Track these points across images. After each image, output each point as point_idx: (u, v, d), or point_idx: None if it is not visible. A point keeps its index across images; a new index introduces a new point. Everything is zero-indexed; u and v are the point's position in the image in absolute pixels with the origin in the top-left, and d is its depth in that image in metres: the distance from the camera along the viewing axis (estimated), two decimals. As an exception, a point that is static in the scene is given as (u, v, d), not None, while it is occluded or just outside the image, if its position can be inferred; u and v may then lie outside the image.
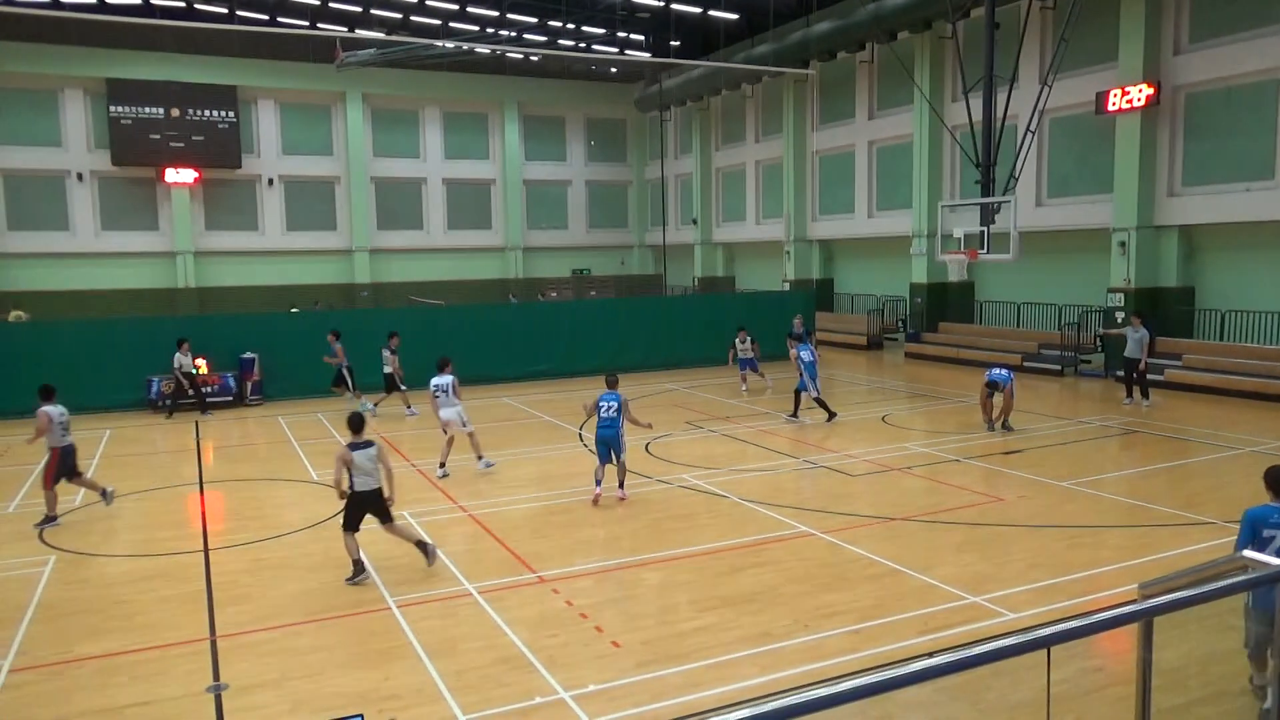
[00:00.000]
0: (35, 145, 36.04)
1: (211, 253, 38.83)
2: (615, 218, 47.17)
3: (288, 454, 16.12)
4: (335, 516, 11.94)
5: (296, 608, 8.87)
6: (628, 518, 11.79)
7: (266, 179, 39.62)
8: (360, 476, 9.60)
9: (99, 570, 10.18)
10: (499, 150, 43.88)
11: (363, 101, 40.69)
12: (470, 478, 14.11)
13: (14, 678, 7.46)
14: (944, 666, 2.79)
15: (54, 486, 11.93)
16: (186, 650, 7.96)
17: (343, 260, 41.03)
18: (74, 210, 36.81)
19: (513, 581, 9.46)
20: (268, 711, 6.82)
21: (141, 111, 36.83)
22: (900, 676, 2.62)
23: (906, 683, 2.62)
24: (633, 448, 15.72)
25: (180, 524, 12.14)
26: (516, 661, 7.55)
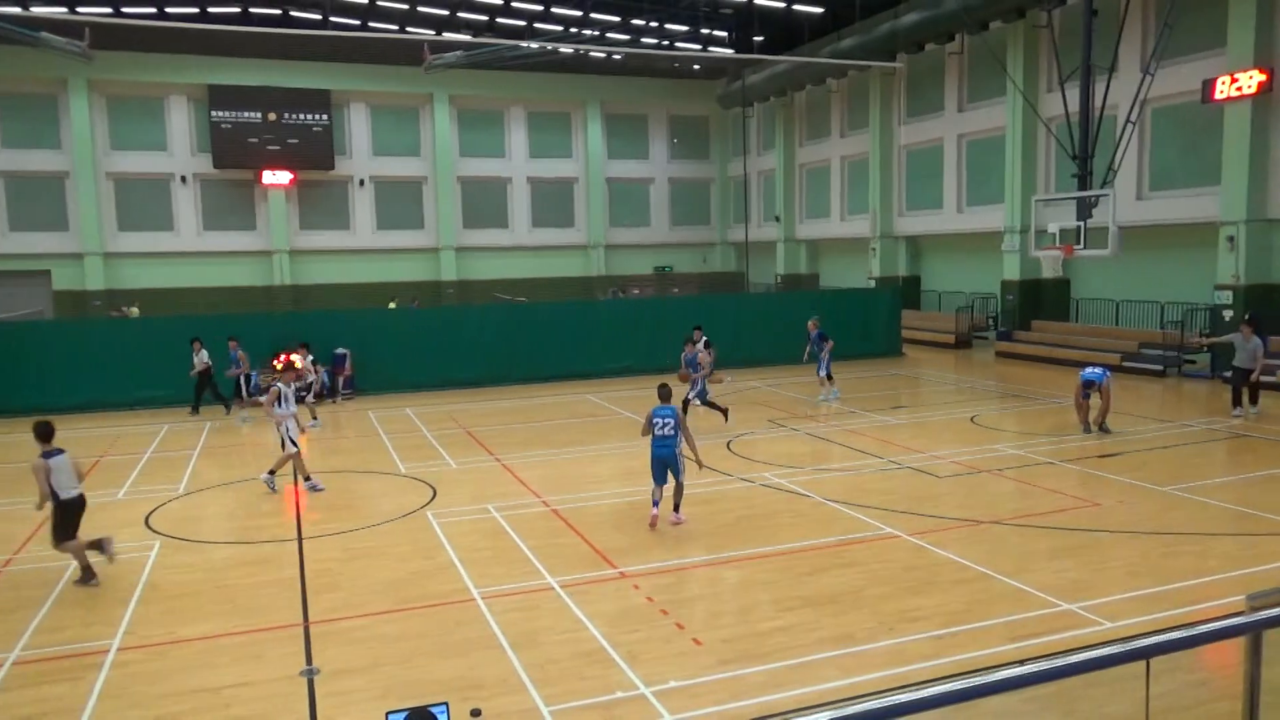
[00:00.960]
0: (143, 150, 37.79)
1: (305, 251, 40.12)
2: (697, 215, 47.08)
3: (377, 447, 16.55)
4: (424, 508, 12.24)
5: (385, 596, 9.10)
6: (708, 516, 11.76)
7: (358, 180, 40.73)
8: (63, 484, 9.62)
9: (201, 555, 10.62)
10: (582, 149, 44.23)
11: (449, 103, 41.47)
12: (554, 473, 14.25)
13: (122, 655, 7.84)
14: (1036, 675, 2.70)
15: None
16: (282, 634, 8.24)
17: (430, 258, 41.92)
18: (178, 211, 38.47)
19: (593, 576, 9.53)
20: (358, 696, 7.01)
21: (241, 116, 38.26)
22: (989, 684, 2.55)
23: (995, 690, 2.55)
24: (714, 445, 15.71)
25: (276, 513, 12.58)
26: (597, 655, 7.60)
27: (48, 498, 9.59)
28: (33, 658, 7.82)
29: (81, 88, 36.14)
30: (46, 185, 36.60)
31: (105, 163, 37.23)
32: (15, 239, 36.31)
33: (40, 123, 36.43)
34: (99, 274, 36.94)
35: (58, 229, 36.79)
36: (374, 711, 6.58)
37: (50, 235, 36.67)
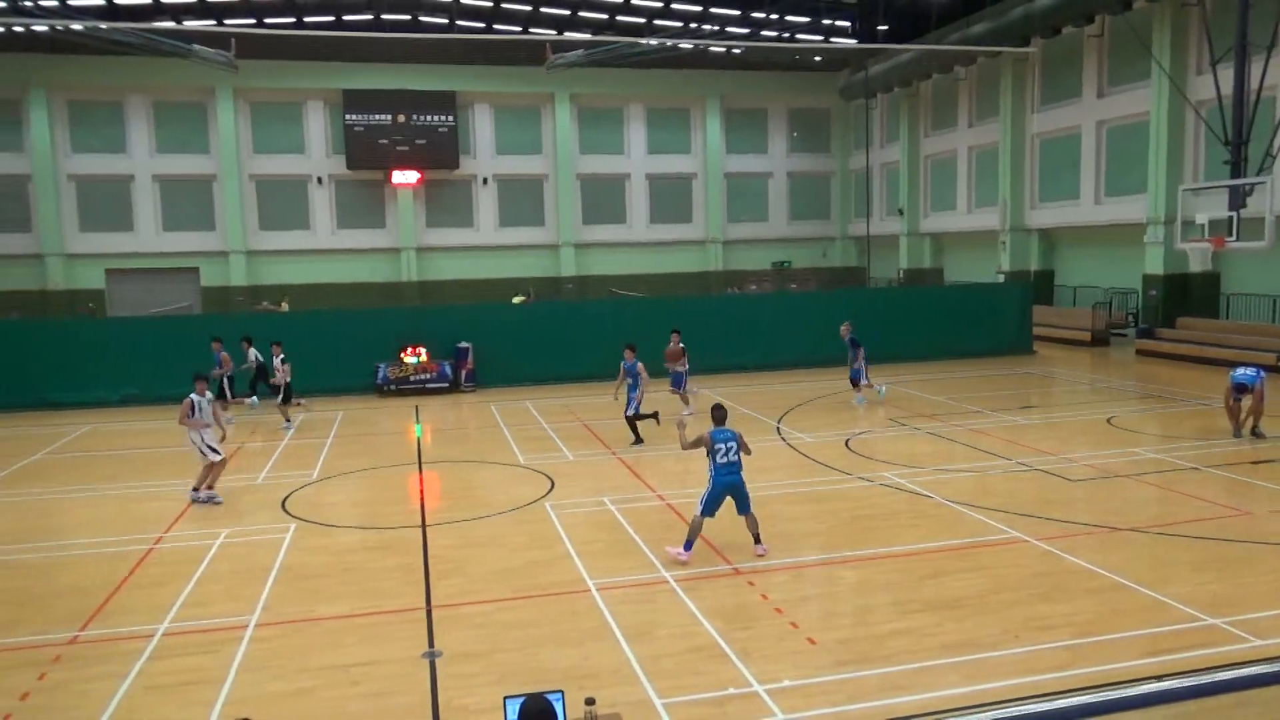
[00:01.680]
0: (282, 153, 39.81)
1: (431, 248, 41.45)
2: (817, 209, 46.32)
3: (497, 439, 16.95)
4: (540, 499, 12.46)
5: (503, 584, 9.31)
6: (825, 514, 11.56)
7: (481, 178, 41.81)
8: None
9: (332, 539, 11.11)
10: (700, 144, 44.14)
11: (570, 101, 42.06)
12: (669, 468, 14.28)
13: (260, 631, 8.27)
14: (1179, 691, 2.53)
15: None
16: (406, 617, 8.53)
17: (550, 254, 42.65)
18: (314, 211, 40.37)
19: (708, 572, 9.50)
20: (476, 680, 7.20)
21: (372, 119, 39.81)
22: (1128, 698, 2.40)
23: (1135, 705, 2.39)
24: (832, 443, 15.43)
25: (401, 500, 13.04)
26: (710, 651, 7.57)
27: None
28: (180, 630, 8.33)
29: (228, 96, 38.30)
30: (196, 188, 39.00)
31: (248, 166, 39.38)
32: (168, 238, 38.85)
33: (190, 129, 38.83)
34: (242, 270, 39.13)
35: (205, 229, 39.16)
36: (492, 695, 6.74)
37: (198, 235, 39.06)
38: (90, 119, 37.92)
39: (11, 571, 10.18)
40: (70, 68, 36.58)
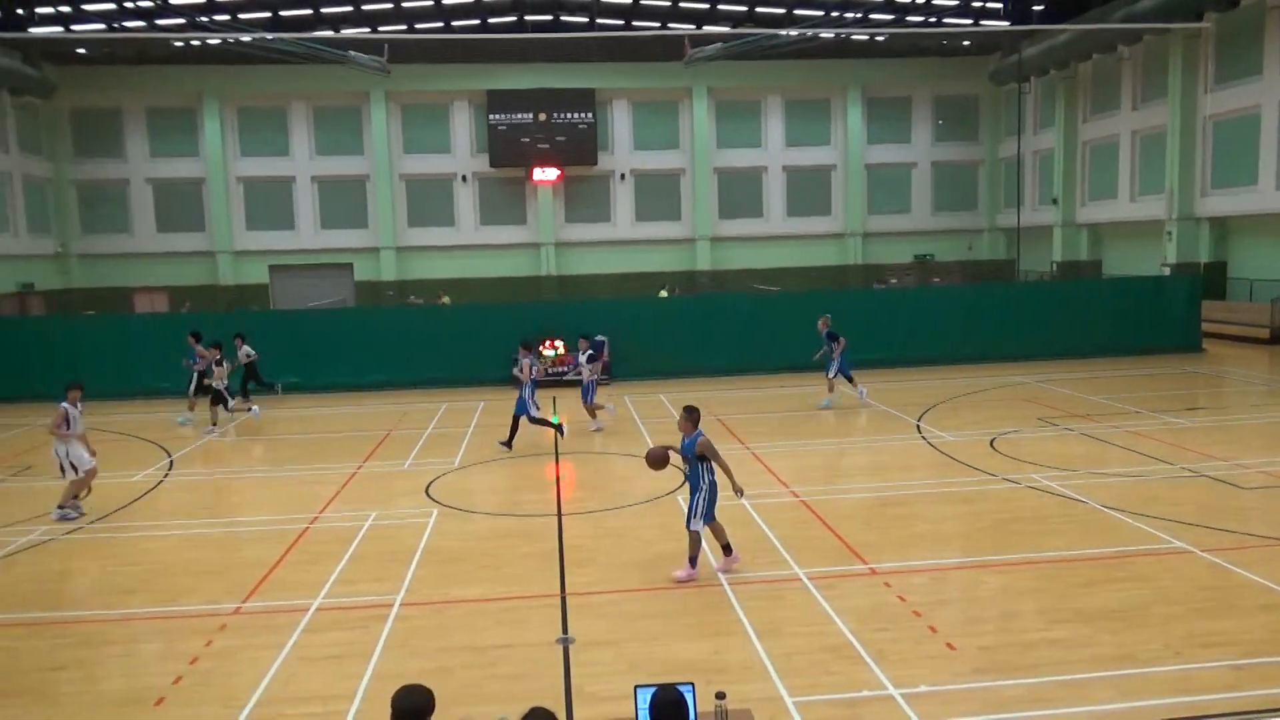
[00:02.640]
0: (430, 153, 41.43)
1: (570, 243, 42.25)
2: (963, 200, 44.58)
3: (632, 431, 17.10)
4: (674, 492, 12.50)
5: (635, 575, 9.39)
6: (968, 516, 11.12)
7: (619, 174, 42.29)
8: None
9: (472, 525, 11.48)
10: (840, 135, 43.22)
11: (708, 95, 41.97)
12: (803, 464, 14.07)
13: (404, 610, 8.63)
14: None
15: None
16: (541, 603, 8.73)
17: (686, 248, 42.71)
18: (459, 208, 41.85)
19: (843, 570, 9.30)
20: (608, 668, 7.29)
21: (514, 118, 40.89)
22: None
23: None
24: (976, 442, 14.84)
25: (538, 489, 13.35)
26: (844, 651, 7.41)
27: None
28: (332, 605, 8.79)
29: (380, 99, 40.15)
30: (350, 188, 41.08)
31: (398, 165, 41.17)
32: (325, 235, 41.11)
33: (346, 132, 40.92)
34: (392, 266, 40.97)
35: (358, 226, 41.21)
36: (622, 683, 6.79)
37: (352, 232, 41.15)
38: (257, 125, 40.52)
39: (187, 544, 10.99)
40: (239, 78, 39.21)
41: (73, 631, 8.40)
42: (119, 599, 9.20)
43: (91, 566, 10.26)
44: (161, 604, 8.99)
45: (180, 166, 40.07)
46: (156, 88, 39.36)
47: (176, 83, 39.20)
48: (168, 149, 40.12)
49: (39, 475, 14.62)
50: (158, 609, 8.87)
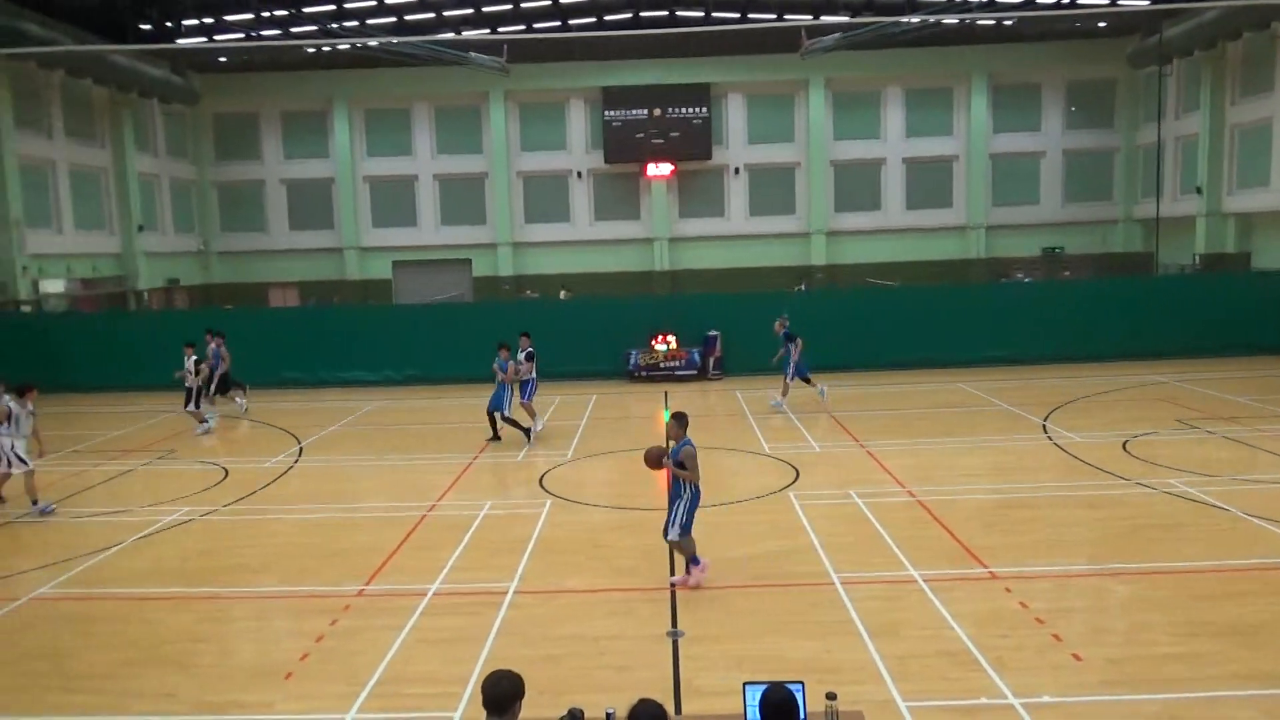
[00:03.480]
0: (546, 150, 42.08)
1: (683, 238, 42.23)
2: (1096, 190, 42.38)
3: (742, 427, 16.99)
4: (784, 489, 12.35)
5: (744, 571, 9.31)
6: (1097, 521, 10.59)
7: (733, 168, 42.00)
8: None
9: (583, 516, 11.61)
10: (964, 124, 41.74)
11: (824, 87, 41.22)
12: (920, 462, 13.68)
13: (517, 598, 8.81)
14: None
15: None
16: (649, 596, 8.76)
17: (800, 243, 42.09)
18: (574, 204, 42.38)
19: (961, 573, 8.99)
20: (716, 663, 7.25)
21: (629, 114, 41.12)
22: None
23: None
24: (1108, 444, 14.12)
25: (648, 482, 13.38)
26: (961, 657, 7.16)
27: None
28: (448, 591, 9.04)
29: (499, 98, 41.03)
30: (469, 185, 42.14)
31: (516, 163, 41.99)
32: (445, 232, 42.31)
33: (466, 131, 41.99)
34: (509, 261, 41.85)
35: (477, 223, 42.24)
36: (730, 679, 6.75)
37: (471, 229, 42.20)
38: (382, 126, 42.02)
39: (313, 528, 11.50)
40: (367, 81, 40.74)
41: (209, 606, 8.91)
42: (251, 577, 9.70)
43: (226, 546, 10.85)
44: (290, 584, 9.43)
45: (311, 167, 41.95)
46: (290, 93, 41.31)
47: (309, 87, 41.05)
48: (300, 151, 42.06)
49: (181, 459, 15.57)
50: (286, 588, 9.30)
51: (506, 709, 4.18)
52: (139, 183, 36.56)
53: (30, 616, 8.73)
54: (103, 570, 9.98)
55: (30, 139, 30.87)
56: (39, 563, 10.24)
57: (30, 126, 30.98)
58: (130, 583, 9.56)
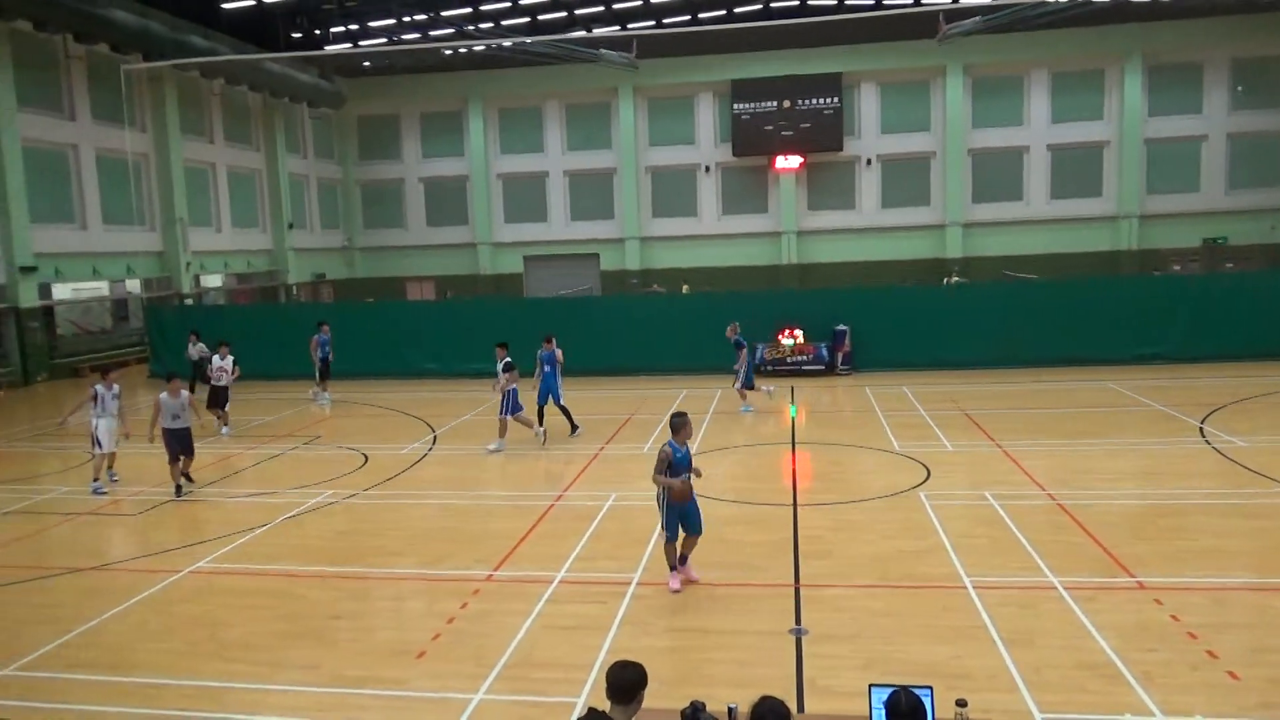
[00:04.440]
0: (674, 145, 42.18)
1: (811, 231, 41.58)
2: (1266, 175, 39.22)
3: (872, 423, 16.58)
4: (915, 488, 11.99)
5: (872, 570, 9.09)
6: (1259, 532, 9.83)
7: (865, 159, 41.04)
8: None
9: (707, 509, 11.44)
10: (1115, 108, 39.43)
11: (963, 73, 39.74)
12: (1061, 464, 13.03)
13: (640, 589, 8.87)
14: None
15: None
16: (772, 592, 8.67)
17: (934, 235, 40.78)
18: (701, 198, 42.33)
19: (1105, 582, 8.52)
20: (841, 663, 7.11)
21: (758, 106, 40.76)
22: None
23: None
24: (1276, 449, 13.09)
25: (773, 478, 13.26)
26: (1104, 669, 6.78)
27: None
28: (574, 579, 9.19)
29: (628, 94, 41.37)
30: (598, 181, 42.70)
31: (644, 158, 42.27)
32: (574, 227, 43.03)
33: (595, 128, 42.55)
34: (636, 255, 42.20)
35: (605, 218, 42.76)
36: (855, 680, 6.60)
37: (599, 224, 42.77)
38: (515, 124, 43.07)
39: (446, 513, 11.91)
40: (500, 81, 41.84)
41: (349, 585, 9.34)
42: (388, 559, 10.12)
43: (365, 528, 11.36)
44: (424, 566, 9.78)
45: (448, 166, 43.41)
46: (429, 94, 42.85)
47: (446, 89, 42.48)
48: (437, 150, 43.60)
49: (327, 445, 16.38)
50: (420, 571, 9.66)
51: (630, 698, 4.22)
52: (289, 183, 38.73)
53: (189, 588, 9.37)
54: (253, 548, 10.62)
55: (193, 144, 33.12)
56: (197, 539, 10.98)
57: (193, 133, 33.24)
58: (278, 560, 10.13)
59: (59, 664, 7.63)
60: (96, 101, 28.51)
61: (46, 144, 26.71)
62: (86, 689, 7.17)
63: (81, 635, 8.20)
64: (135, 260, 30.02)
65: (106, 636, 8.19)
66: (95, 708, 6.82)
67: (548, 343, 16.50)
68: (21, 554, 10.65)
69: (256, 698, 6.99)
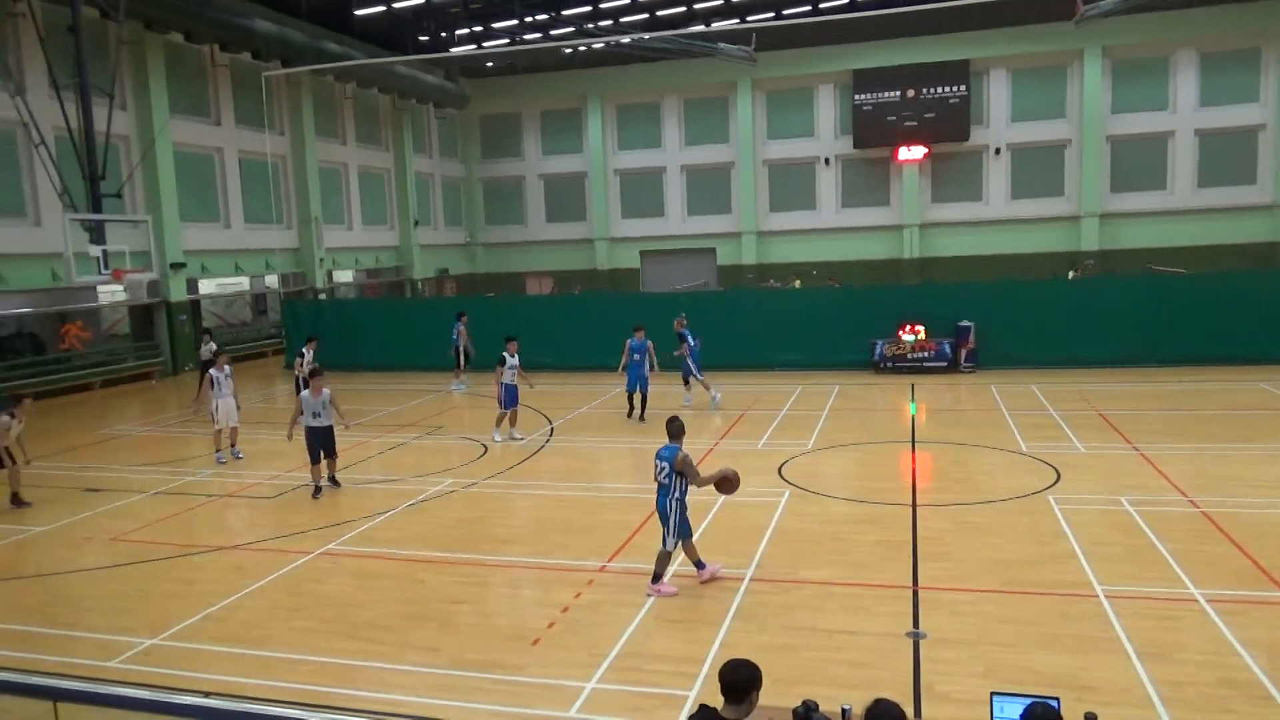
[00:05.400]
0: (793, 138, 41.58)
1: (935, 224, 40.31)
2: None
3: (997, 422, 15.98)
4: (1043, 491, 11.50)
5: (995, 575, 8.76)
6: None
7: (993, 149, 39.48)
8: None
9: (822, 508, 11.40)
10: (1273, 88, 36.62)
11: (1101, 55, 37.73)
12: (1206, 470, 12.25)
13: (753, 585, 8.80)
14: None
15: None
16: (888, 593, 8.45)
17: (1068, 227, 38.89)
18: (820, 191, 41.62)
19: (1253, 596, 7.97)
20: (960, 669, 6.88)
21: (880, 96, 39.75)
22: None
23: None
24: None
25: (891, 477, 12.93)
26: (1250, 689, 6.34)
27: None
28: (687, 573, 9.16)
29: (746, 88, 41.03)
30: (715, 175, 42.52)
31: (761, 151, 41.84)
32: (691, 222, 42.99)
33: (713, 122, 42.37)
34: (753, 250, 41.85)
35: (722, 212, 42.55)
36: (976, 687, 6.38)
37: (716, 218, 42.59)
38: (633, 120, 43.34)
39: (562, 505, 12.10)
40: (619, 78, 42.16)
41: (469, 571, 9.61)
42: (505, 547, 10.36)
43: (485, 516, 11.66)
44: (540, 555, 9.97)
45: (567, 163, 44.06)
46: (549, 92, 43.57)
47: (565, 86, 43.10)
48: (557, 147, 44.30)
49: (449, 434, 16.89)
50: (536, 560, 9.85)
51: (742, 698, 4.19)
52: (416, 181, 40.10)
53: (320, 569, 9.82)
54: (379, 532, 11.05)
55: (327, 145, 34.67)
56: (328, 521, 11.50)
57: (327, 135, 34.78)
58: (402, 544, 10.51)
59: (202, 636, 8.12)
60: (239, 107, 30.17)
61: (194, 148, 28.42)
62: (226, 661, 7.61)
63: (222, 610, 8.71)
64: (273, 257, 31.65)
65: (244, 612, 8.67)
66: (234, 679, 7.22)
67: (638, 332, 17.24)
68: (169, 532, 11.39)
69: (383, 676, 7.27)
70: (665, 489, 8.72)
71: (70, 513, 12.31)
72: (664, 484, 8.73)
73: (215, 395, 14.98)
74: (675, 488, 8.69)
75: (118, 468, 15.03)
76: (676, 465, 8.64)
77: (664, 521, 8.73)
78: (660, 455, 8.80)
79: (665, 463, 8.72)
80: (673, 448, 8.81)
